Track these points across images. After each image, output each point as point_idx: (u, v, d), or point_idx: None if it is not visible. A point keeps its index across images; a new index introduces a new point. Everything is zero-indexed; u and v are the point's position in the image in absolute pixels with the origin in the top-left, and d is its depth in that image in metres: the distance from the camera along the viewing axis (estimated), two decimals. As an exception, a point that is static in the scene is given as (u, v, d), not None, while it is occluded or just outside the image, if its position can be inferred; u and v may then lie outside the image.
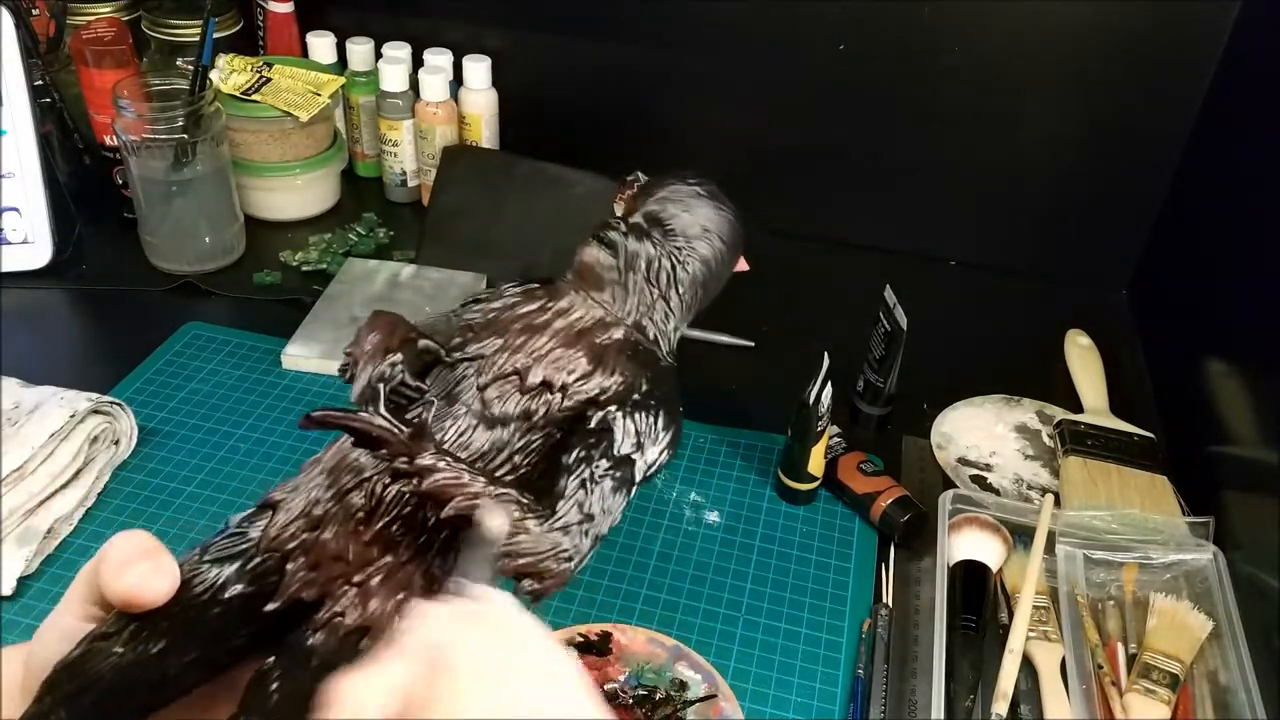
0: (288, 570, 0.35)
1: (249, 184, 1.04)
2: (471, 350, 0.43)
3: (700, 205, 0.53)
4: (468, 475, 0.36)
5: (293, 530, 0.36)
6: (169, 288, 0.97)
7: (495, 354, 0.42)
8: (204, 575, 0.34)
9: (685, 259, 0.50)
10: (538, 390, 0.42)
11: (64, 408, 0.73)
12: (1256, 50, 0.87)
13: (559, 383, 0.42)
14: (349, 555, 0.36)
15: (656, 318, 0.48)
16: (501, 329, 0.43)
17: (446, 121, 1.07)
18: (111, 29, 1.00)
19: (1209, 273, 0.89)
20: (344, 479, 0.37)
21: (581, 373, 0.43)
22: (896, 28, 0.98)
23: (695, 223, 0.52)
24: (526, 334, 0.43)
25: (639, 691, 0.62)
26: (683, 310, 0.50)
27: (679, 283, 0.49)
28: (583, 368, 0.43)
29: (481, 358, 0.42)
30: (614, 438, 0.42)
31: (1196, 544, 0.69)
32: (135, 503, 0.74)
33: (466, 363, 0.42)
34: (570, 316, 0.45)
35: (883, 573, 0.72)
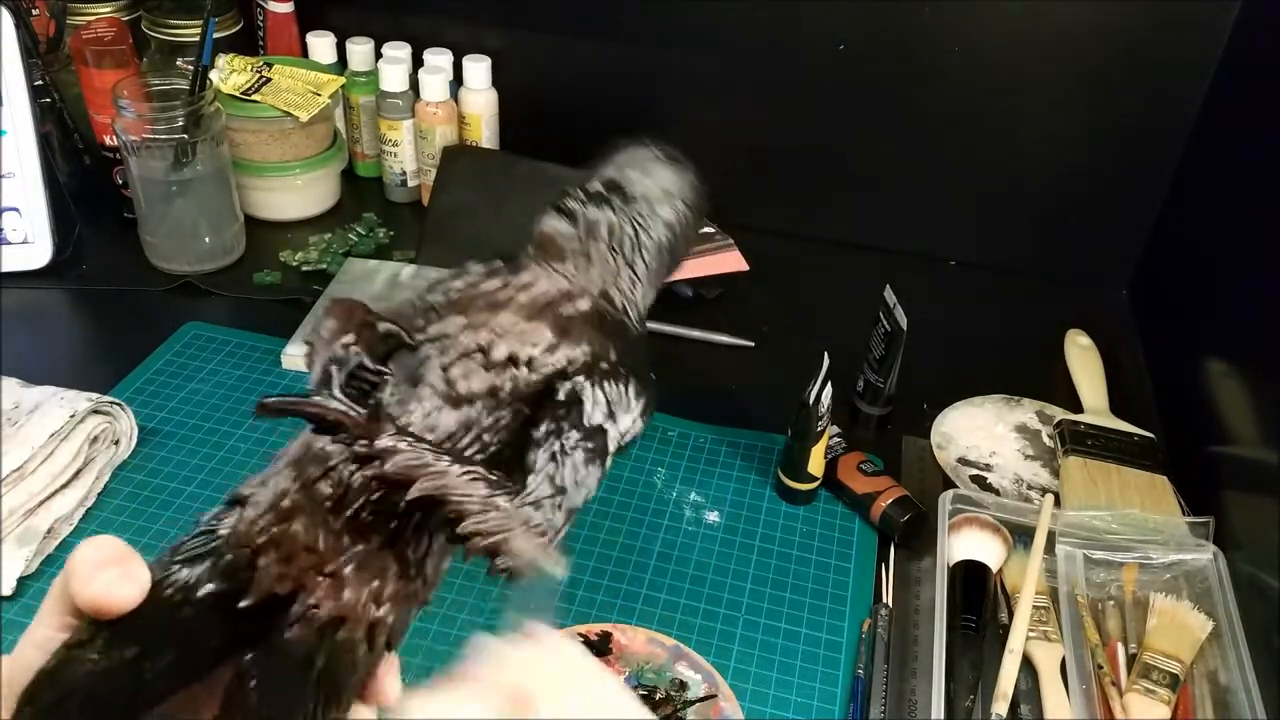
0: (259, 565, 0.34)
1: (249, 184, 1.04)
2: (434, 330, 0.42)
3: (659, 168, 0.51)
4: (430, 455, 0.35)
5: (262, 524, 0.35)
6: (169, 288, 0.97)
7: (458, 332, 0.41)
8: (175, 576, 0.33)
9: (648, 224, 0.49)
10: (503, 365, 0.41)
11: (64, 408, 0.73)
12: (1257, 50, 0.87)
13: (524, 356, 0.41)
14: (319, 545, 0.35)
15: (623, 286, 0.47)
16: (464, 307, 0.42)
17: (446, 121, 1.07)
18: (111, 29, 1.00)
19: (1209, 273, 0.89)
20: (310, 469, 0.37)
21: (547, 345, 0.42)
22: (896, 28, 0.98)
23: (656, 186, 0.50)
24: (489, 310, 0.42)
25: (639, 692, 0.62)
26: (649, 276, 0.49)
27: (643, 248, 0.48)
28: (548, 340, 0.42)
29: (445, 337, 0.41)
30: (584, 408, 0.41)
31: (1196, 544, 0.69)
32: (135, 503, 0.74)
33: (429, 343, 0.41)
34: (533, 290, 0.44)
35: (883, 573, 0.72)
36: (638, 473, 0.79)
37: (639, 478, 0.79)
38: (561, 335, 0.42)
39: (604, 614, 0.68)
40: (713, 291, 1.00)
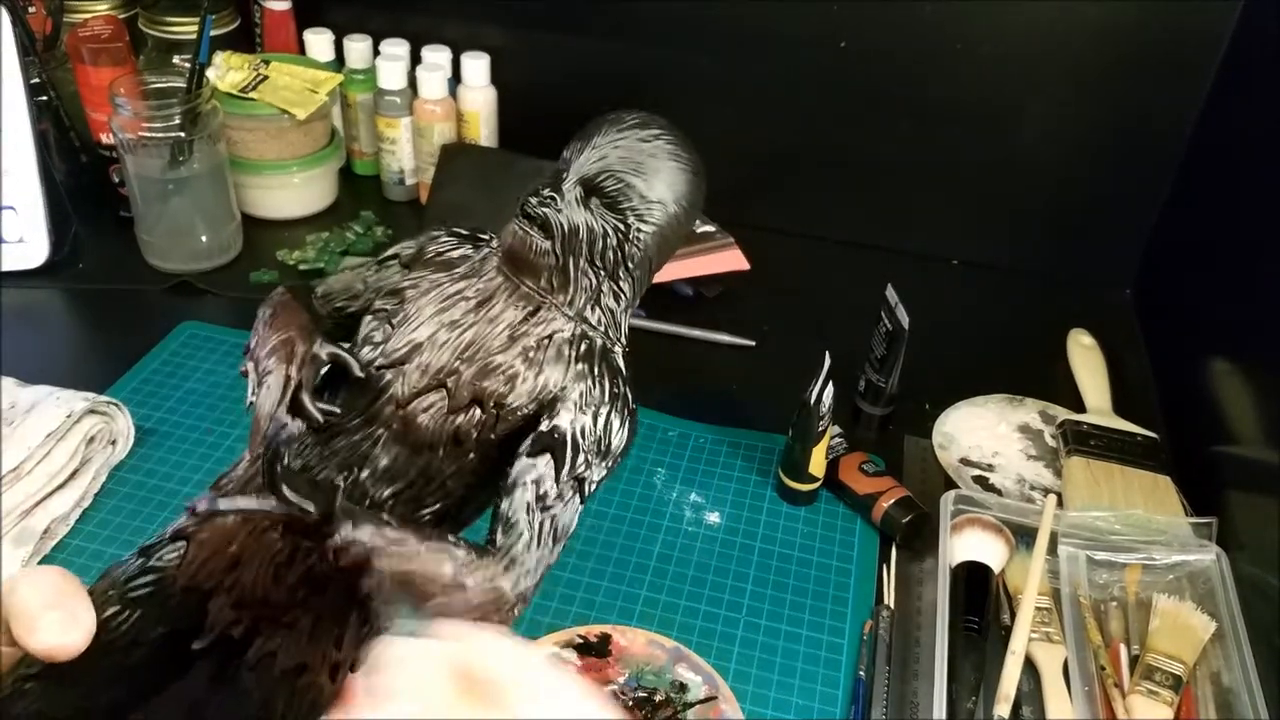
0: (210, 609, 0.33)
1: (246, 182, 1.04)
2: (389, 351, 0.38)
3: (658, 165, 0.44)
4: (391, 535, 0.33)
5: (209, 568, 0.34)
6: (166, 287, 0.96)
7: (418, 357, 0.38)
8: (122, 617, 0.32)
9: (636, 233, 0.42)
10: (467, 406, 0.37)
11: (60, 407, 0.73)
12: (1259, 49, 0.87)
13: (491, 398, 0.37)
14: (273, 598, 0.34)
15: (604, 301, 0.41)
16: (421, 316, 0.38)
17: (445, 119, 1.06)
18: (108, 27, 0.99)
19: (1213, 272, 0.89)
20: (260, 519, 0.35)
21: (518, 384, 0.38)
22: (897, 27, 0.98)
23: (650, 188, 0.43)
24: (450, 331, 0.38)
25: (639, 694, 0.61)
26: (634, 288, 0.43)
27: (628, 259, 0.41)
28: (519, 375, 0.38)
29: (401, 364, 0.38)
30: (564, 454, 0.38)
31: (1200, 545, 0.69)
32: (132, 503, 0.73)
33: (388, 368, 0.38)
34: (502, 312, 0.39)
35: (884, 574, 0.72)
36: (638, 473, 0.79)
37: (639, 478, 0.79)
38: (533, 369, 0.38)
39: (603, 615, 0.67)
40: (713, 291, 1.00)
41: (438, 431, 0.37)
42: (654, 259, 0.43)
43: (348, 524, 0.33)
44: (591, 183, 0.42)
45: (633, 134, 0.43)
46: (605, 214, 0.41)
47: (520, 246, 0.41)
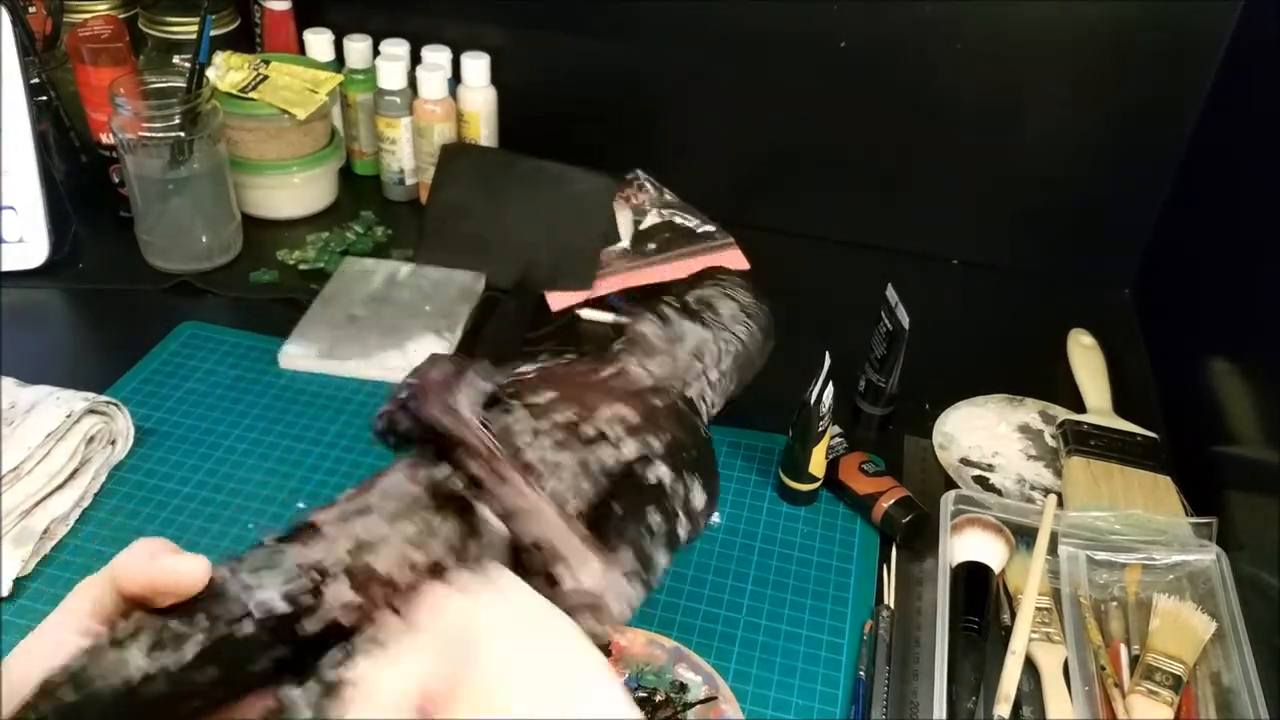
0: (325, 594, 0.34)
1: (246, 182, 1.04)
2: (527, 398, 0.43)
3: (741, 293, 0.59)
4: (540, 498, 0.38)
5: (338, 555, 0.35)
6: (165, 287, 0.96)
7: (549, 403, 0.43)
8: (241, 585, 0.33)
9: (727, 341, 0.55)
10: (593, 440, 0.43)
11: (60, 407, 0.73)
12: (1259, 49, 0.86)
13: (614, 436, 0.44)
14: (398, 582, 0.35)
15: (702, 391, 0.52)
16: (556, 382, 0.44)
17: (445, 119, 1.06)
18: (108, 27, 0.99)
19: (1213, 272, 0.89)
20: (390, 505, 0.37)
21: (634, 428, 0.44)
22: (897, 27, 0.98)
23: (738, 310, 0.58)
24: (581, 389, 0.45)
25: (639, 694, 0.61)
26: (721, 388, 0.54)
27: (720, 359, 0.54)
28: (635, 424, 0.44)
29: (536, 405, 0.43)
30: (666, 493, 0.44)
31: (1200, 545, 0.69)
32: (132, 503, 0.73)
33: (521, 408, 0.43)
34: (623, 378, 0.48)
35: (884, 574, 0.72)
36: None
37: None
38: (648, 421, 0.45)
39: (604, 615, 0.67)
40: (713, 291, 1.00)
41: (566, 460, 0.43)
42: (736, 370, 0.60)
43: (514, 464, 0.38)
44: (702, 300, 0.60)
45: (730, 282, 0.62)
46: (711, 321, 0.59)
47: (644, 333, 0.54)
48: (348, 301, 0.93)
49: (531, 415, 0.43)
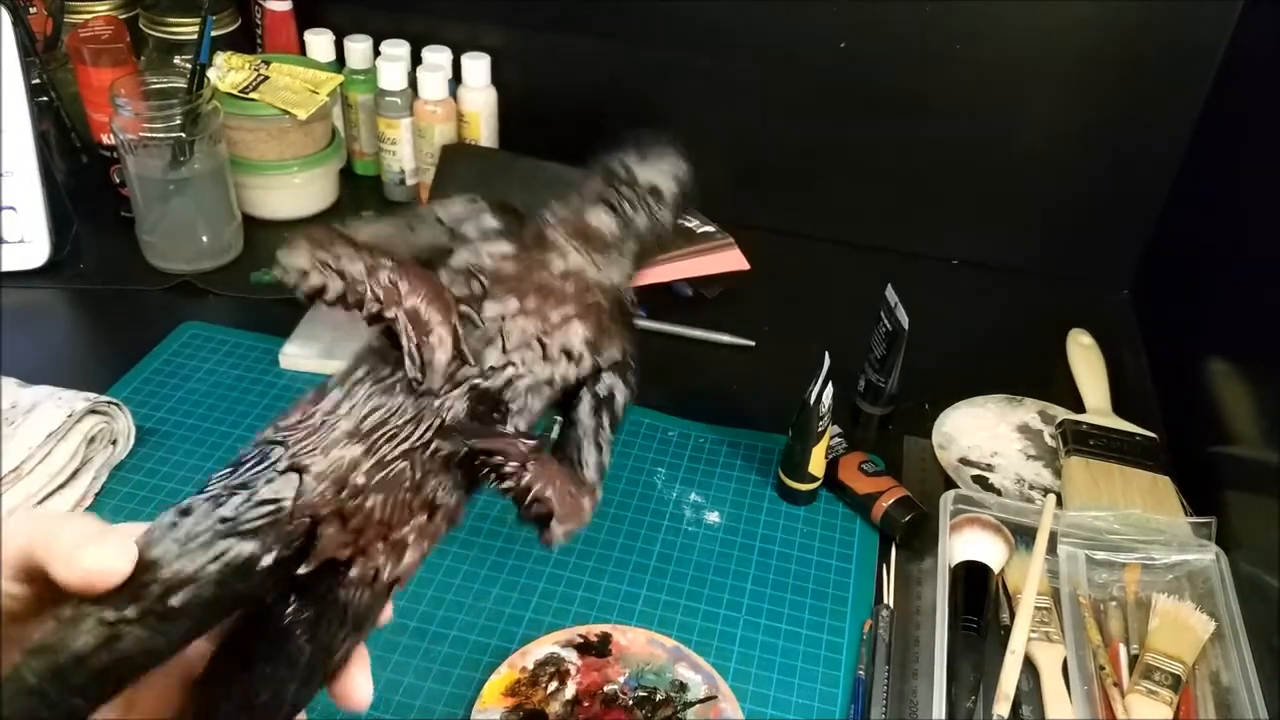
0: (321, 533, 0.35)
1: (247, 182, 1.04)
2: (491, 310, 0.42)
3: (677, 179, 0.54)
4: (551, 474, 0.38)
5: (328, 495, 0.36)
6: (166, 287, 0.96)
7: (514, 316, 0.42)
8: (233, 549, 0.33)
9: (665, 231, 0.52)
10: (558, 358, 0.43)
11: (61, 408, 0.73)
12: (1258, 49, 0.87)
13: (576, 351, 0.44)
14: (394, 520, 0.36)
15: (624, 278, 0.50)
16: (515, 288, 0.43)
17: (445, 120, 1.06)
18: (109, 27, 0.99)
19: (1211, 272, 0.89)
20: (382, 447, 0.37)
21: (592, 341, 0.45)
22: (897, 28, 0.98)
23: (677, 193, 0.53)
24: (541, 297, 0.44)
25: (639, 693, 0.61)
26: (634, 272, 0.52)
27: (649, 253, 0.52)
28: (594, 336, 0.45)
29: (504, 318, 0.42)
30: (616, 402, 0.46)
31: (1199, 544, 0.69)
32: (133, 503, 0.73)
33: (490, 322, 0.42)
34: (579, 282, 0.46)
35: (884, 573, 0.72)
36: (638, 473, 0.79)
37: (639, 478, 0.79)
38: (602, 334, 0.45)
39: (604, 615, 0.67)
40: (713, 291, 1.00)
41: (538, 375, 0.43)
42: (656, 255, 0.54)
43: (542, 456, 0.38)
44: (654, 188, 0.52)
45: (665, 150, 0.55)
46: (653, 215, 0.51)
47: (600, 229, 0.48)
48: (348, 302, 0.93)
49: (500, 333, 0.42)
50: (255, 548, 0.33)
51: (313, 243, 0.41)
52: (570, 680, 0.62)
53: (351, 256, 0.41)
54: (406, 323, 0.39)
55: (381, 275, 0.40)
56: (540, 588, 0.69)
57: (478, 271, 0.43)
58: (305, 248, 0.41)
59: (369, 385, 0.39)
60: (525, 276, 0.44)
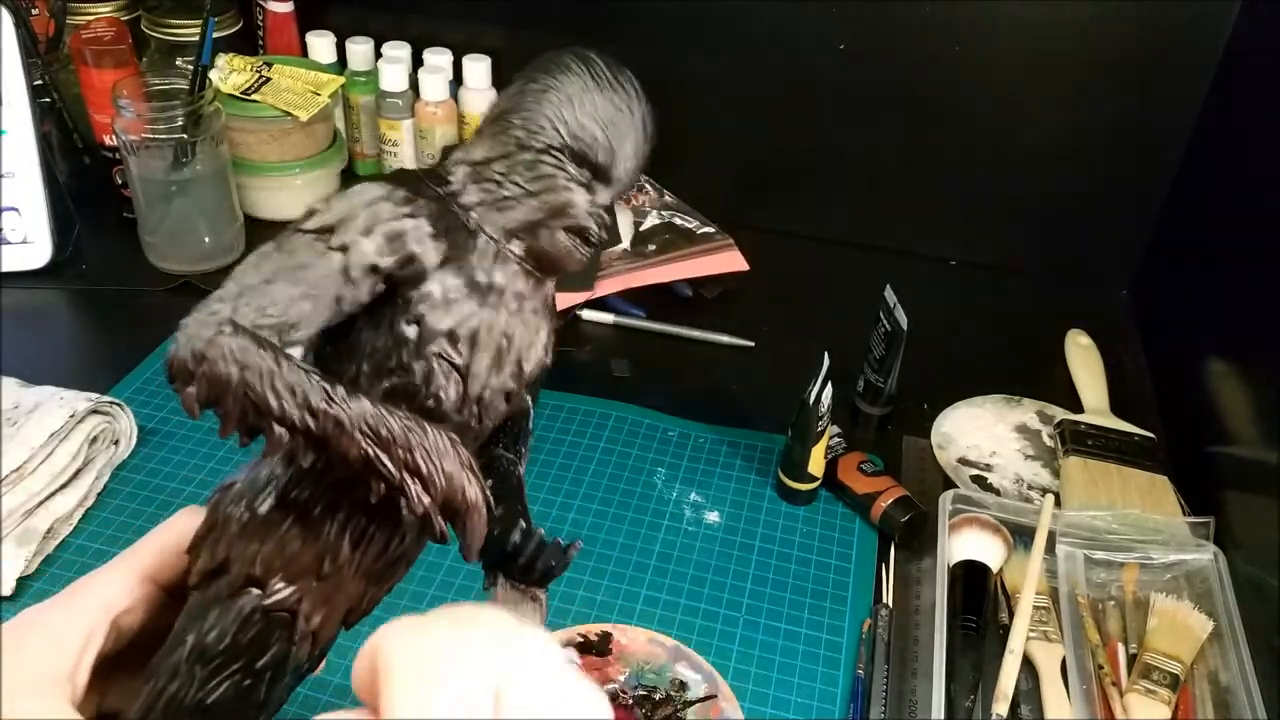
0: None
1: (248, 183, 1.04)
2: (458, 358, 0.38)
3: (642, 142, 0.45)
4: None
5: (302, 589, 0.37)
6: (169, 288, 0.96)
7: (490, 373, 0.39)
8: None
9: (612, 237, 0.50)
10: (518, 380, 0.41)
11: (63, 408, 0.73)
12: (1257, 49, 0.87)
13: (529, 374, 0.41)
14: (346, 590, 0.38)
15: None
16: (484, 342, 0.39)
17: (446, 121, 1.06)
18: (111, 29, 1.00)
19: (1210, 272, 0.89)
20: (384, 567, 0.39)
21: (538, 361, 0.41)
22: (897, 28, 0.98)
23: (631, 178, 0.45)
24: (507, 341, 0.39)
25: (639, 692, 0.62)
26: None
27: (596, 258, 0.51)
28: (543, 357, 0.42)
29: (484, 387, 0.39)
30: (530, 416, 0.46)
31: (1197, 544, 0.69)
32: (135, 503, 0.74)
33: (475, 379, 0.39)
34: (533, 303, 0.41)
35: (883, 573, 0.72)
36: (638, 473, 0.79)
37: (639, 478, 0.79)
38: (547, 355, 0.42)
39: (604, 614, 0.68)
40: (713, 291, 1.00)
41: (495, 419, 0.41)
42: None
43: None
44: (606, 211, 0.43)
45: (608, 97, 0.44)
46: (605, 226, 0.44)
47: (570, 261, 0.42)
48: (349, 302, 0.93)
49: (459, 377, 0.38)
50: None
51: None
52: (570, 679, 0.62)
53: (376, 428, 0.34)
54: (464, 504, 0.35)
55: (403, 455, 0.34)
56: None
57: (452, 348, 0.38)
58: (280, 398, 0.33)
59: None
60: (492, 324, 0.39)
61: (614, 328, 0.94)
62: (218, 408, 0.33)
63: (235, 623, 0.35)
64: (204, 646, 0.35)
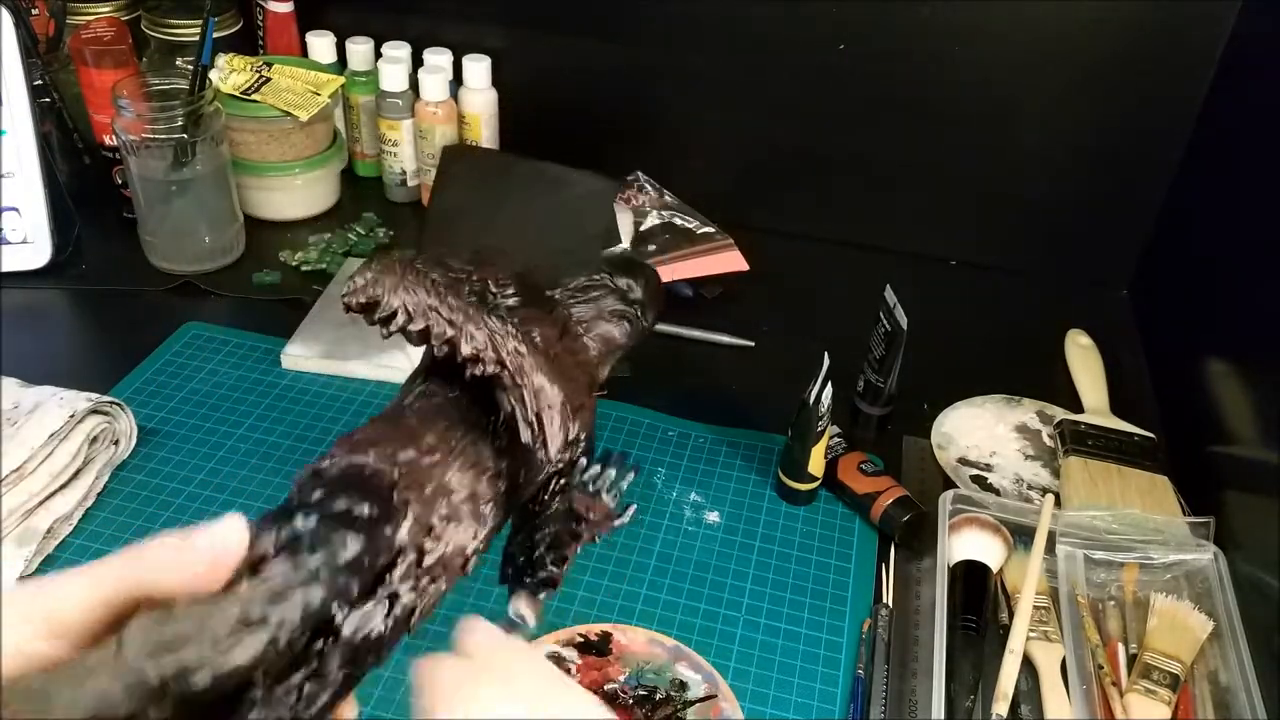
0: (397, 565, 0.36)
1: (248, 184, 1.04)
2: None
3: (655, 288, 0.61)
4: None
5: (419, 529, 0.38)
6: (169, 287, 0.97)
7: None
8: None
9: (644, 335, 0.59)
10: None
11: (63, 408, 0.73)
12: (1257, 49, 0.87)
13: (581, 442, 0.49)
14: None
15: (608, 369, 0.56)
16: (538, 355, 0.46)
17: (446, 121, 1.07)
18: (111, 29, 1.00)
19: (1210, 272, 0.89)
20: (482, 487, 0.41)
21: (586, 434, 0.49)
22: (896, 28, 0.98)
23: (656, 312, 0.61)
24: (560, 375, 0.46)
25: (639, 692, 0.62)
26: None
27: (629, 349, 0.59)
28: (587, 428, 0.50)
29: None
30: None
31: (1197, 544, 0.69)
32: (135, 503, 0.74)
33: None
34: (585, 355, 0.52)
35: (883, 573, 0.72)
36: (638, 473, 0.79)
37: (639, 478, 0.79)
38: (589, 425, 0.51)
39: (604, 614, 0.68)
40: (713, 291, 1.00)
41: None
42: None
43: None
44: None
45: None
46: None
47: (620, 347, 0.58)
48: (349, 302, 0.93)
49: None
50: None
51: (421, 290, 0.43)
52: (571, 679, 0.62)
53: (475, 317, 0.43)
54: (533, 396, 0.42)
55: (509, 343, 0.43)
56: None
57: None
58: (400, 288, 0.43)
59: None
60: (546, 353, 0.46)
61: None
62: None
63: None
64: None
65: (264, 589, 0.30)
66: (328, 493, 0.35)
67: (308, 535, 0.33)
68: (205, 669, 0.28)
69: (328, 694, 0.32)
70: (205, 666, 0.28)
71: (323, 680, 0.32)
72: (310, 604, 0.31)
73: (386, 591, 0.35)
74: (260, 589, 0.30)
